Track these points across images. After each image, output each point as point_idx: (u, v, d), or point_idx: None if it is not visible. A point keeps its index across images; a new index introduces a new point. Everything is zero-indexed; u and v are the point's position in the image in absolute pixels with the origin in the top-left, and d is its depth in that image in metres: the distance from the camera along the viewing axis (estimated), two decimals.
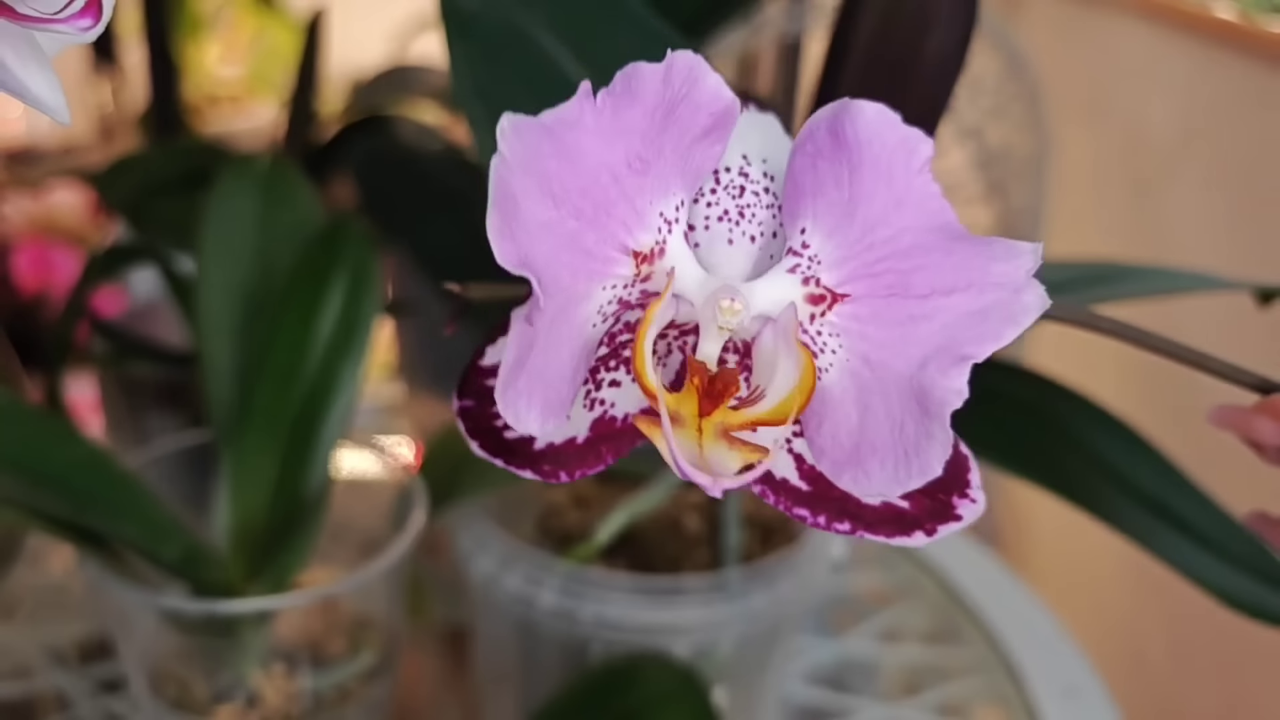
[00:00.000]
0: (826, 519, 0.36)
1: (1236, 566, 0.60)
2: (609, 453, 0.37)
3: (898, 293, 0.35)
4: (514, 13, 0.64)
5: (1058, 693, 0.83)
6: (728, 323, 0.34)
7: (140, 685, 0.65)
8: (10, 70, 0.38)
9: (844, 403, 0.36)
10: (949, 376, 0.34)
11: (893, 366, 0.35)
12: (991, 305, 0.34)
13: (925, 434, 0.34)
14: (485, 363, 0.38)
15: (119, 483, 0.61)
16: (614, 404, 0.37)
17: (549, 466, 0.37)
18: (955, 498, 0.36)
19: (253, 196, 0.70)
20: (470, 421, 0.37)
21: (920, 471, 0.34)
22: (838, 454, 0.36)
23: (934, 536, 0.36)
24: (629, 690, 0.60)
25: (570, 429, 0.37)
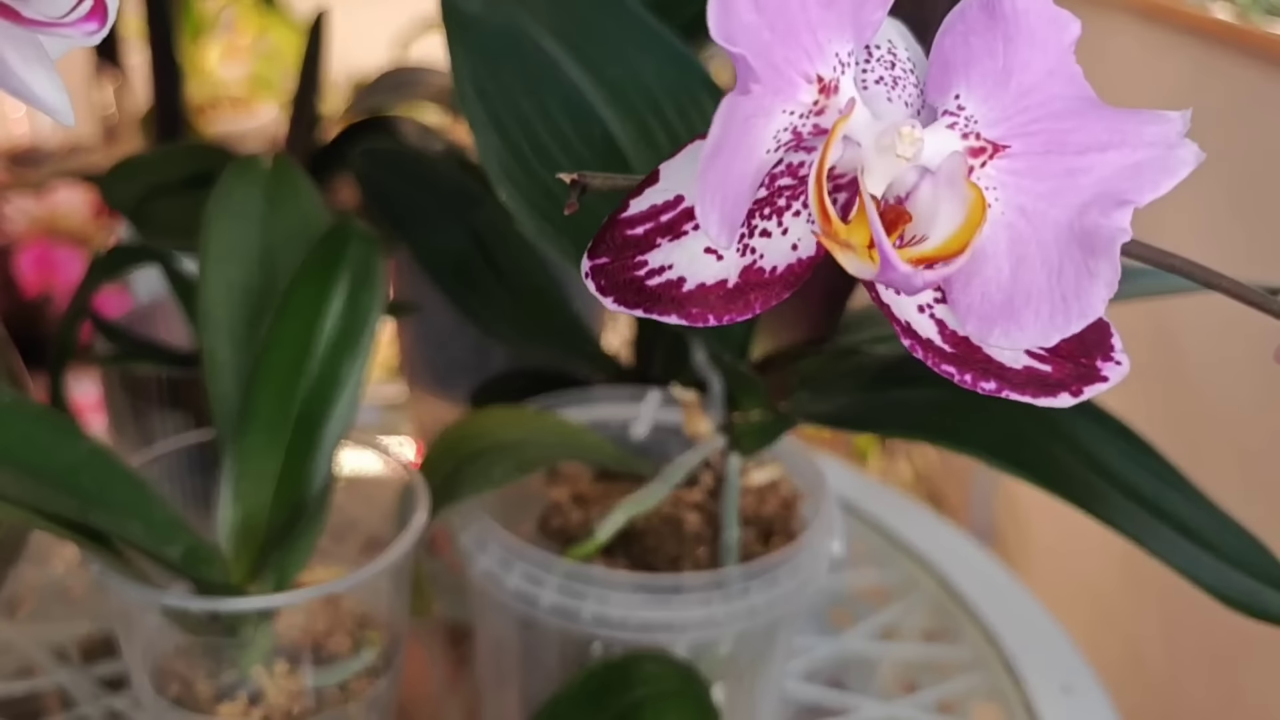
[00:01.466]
0: (973, 377, 0.37)
1: (1232, 564, 0.61)
2: (758, 301, 0.38)
3: (1054, 149, 0.37)
4: (515, 15, 0.64)
5: (1055, 690, 0.84)
6: (905, 150, 0.36)
7: (143, 683, 0.66)
8: (14, 72, 0.39)
9: (996, 256, 0.37)
10: (1112, 217, 0.35)
11: (1050, 215, 0.36)
12: (1146, 160, 0.36)
13: (1088, 274, 0.35)
14: (629, 213, 0.38)
15: (122, 482, 0.61)
16: (764, 254, 0.38)
17: (697, 309, 0.38)
18: (1099, 360, 0.37)
19: (256, 197, 0.70)
20: (605, 278, 0.38)
21: (1080, 313, 0.35)
22: (988, 309, 0.37)
23: (1080, 397, 0.37)
24: (629, 687, 0.61)
25: (722, 271, 0.38)
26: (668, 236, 0.38)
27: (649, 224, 0.38)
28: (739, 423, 0.69)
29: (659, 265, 0.38)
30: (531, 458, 0.68)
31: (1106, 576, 1.67)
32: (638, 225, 0.38)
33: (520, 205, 0.60)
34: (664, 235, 0.38)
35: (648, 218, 0.38)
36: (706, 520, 0.70)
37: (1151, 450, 0.64)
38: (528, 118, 0.62)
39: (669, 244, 0.38)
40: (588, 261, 0.38)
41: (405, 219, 0.90)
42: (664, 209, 0.38)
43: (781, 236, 0.38)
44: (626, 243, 0.38)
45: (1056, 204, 0.36)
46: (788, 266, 0.38)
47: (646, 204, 0.38)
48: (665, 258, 0.38)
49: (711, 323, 0.38)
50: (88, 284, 0.83)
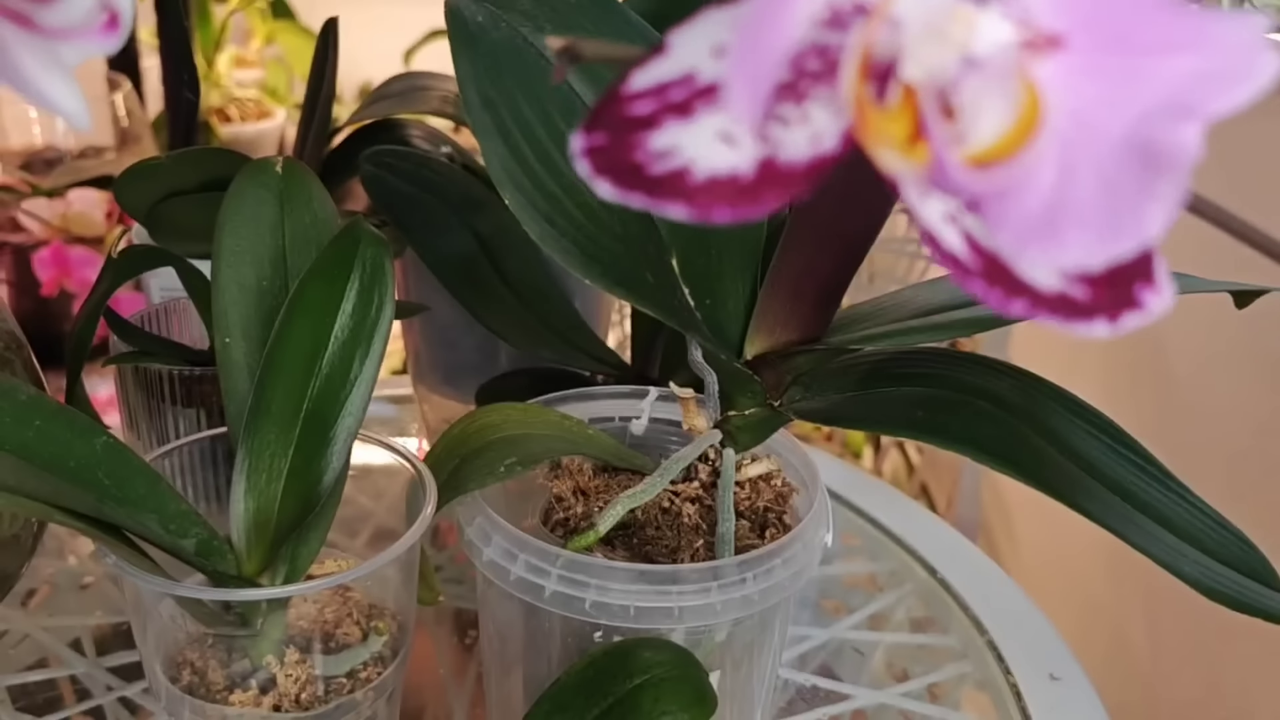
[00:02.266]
0: (1001, 294, 0.34)
1: (1215, 558, 0.61)
2: (771, 197, 0.34)
3: (1116, 46, 0.32)
4: (518, 26, 0.65)
5: (1041, 678, 0.85)
6: (959, 35, 0.32)
7: (156, 673, 0.67)
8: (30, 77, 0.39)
9: (1042, 165, 0.33)
10: (1180, 131, 0.31)
11: (1109, 121, 0.32)
12: (1222, 66, 0.31)
13: (1147, 192, 0.32)
14: (631, 88, 0.34)
15: (138, 477, 0.62)
16: (782, 145, 0.34)
17: (705, 200, 0.34)
18: (1138, 285, 0.34)
19: (268, 200, 0.71)
20: (601, 159, 0.34)
21: (1134, 231, 0.32)
22: (1025, 222, 0.33)
23: (1116, 323, 0.33)
24: (629, 673, 0.61)
25: (735, 159, 0.34)
26: (676, 116, 0.34)
27: (655, 101, 0.34)
28: (734, 419, 0.70)
29: (665, 148, 0.34)
30: (534, 452, 0.68)
31: (1092, 569, 1.67)
32: (642, 102, 0.34)
33: (524, 209, 0.61)
34: (672, 115, 0.34)
35: (654, 94, 0.34)
36: (703, 512, 0.71)
37: (1136, 446, 0.64)
38: (531, 124, 0.63)
39: (677, 125, 0.34)
40: (583, 139, 0.34)
41: (412, 222, 0.91)
42: (672, 85, 0.34)
43: (803, 126, 0.34)
44: (628, 121, 0.34)
45: (1117, 110, 0.32)
46: (808, 162, 0.34)
47: (653, 78, 0.34)
48: (672, 140, 0.34)
49: (720, 217, 0.34)
50: (103, 284, 0.84)
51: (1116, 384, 1.49)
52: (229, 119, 2.50)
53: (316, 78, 1.03)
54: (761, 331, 0.66)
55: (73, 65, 0.40)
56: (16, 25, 0.38)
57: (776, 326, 0.65)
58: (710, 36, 0.33)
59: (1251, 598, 0.60)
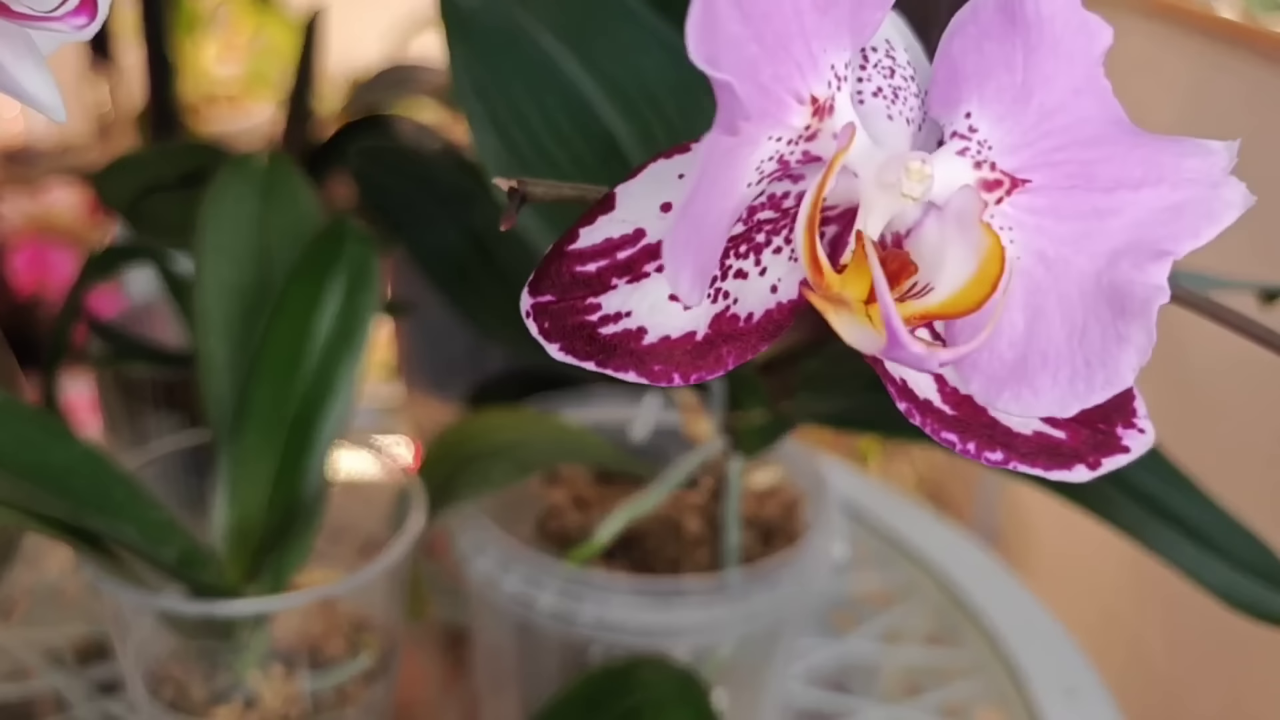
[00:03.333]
0: (976, 446, 0.33)
1: (1237, 566, 0.61)
2: (730, 355, 0.33)
3: (1080, 184, 0.32)
4: (514, 12, 0.64)
5: (1059, 693, 0.83)
6: (913, 189, 0.31)
7: (138, 686, 0.65)
8: (5, 69, 0.38)
9: (1010, 307, 0.32)
10: (1148, 273, 0.31)
11: (1074, 263, 0.32)
12: (1186, 201, 0.31)
13: (1116, 338, 0.31)
14: (578, 246, 0.33)
15: (117, 483, 0.61)
16: (738, 299, 0.33)
17: (660, 366, 0.33)
18: (1120, 427, 0.33)
19: (251, 195, 0.70)
20: (550, 320, 0.33)
21: (1106, 382, 0.31)
22: (996, 368, 0.33)
23: (1098, 470, 0.33)
24: (628, 692, 0.60)
25: (689, 322, 0.33)
26: (625, 277, 0.33)
27: (603, 261, 0.33)
28: (740, 424, 0.69)
29: (615, 311, 0.33)
30: (530, 460, 0.68)
31: (1112, 579, 1.67)
32: (589, 261, 0.33)
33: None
34: (621, 275, 0.33)
35: (602, 253, 0.33)
36: (707, 523, 0.70)
37: (1157, 452, 0.63)
38: (526, 115, 0.62)
39: (627, 286, 0.33)
40: (529, 298, 0.33)
41: (402, 218, 0.90)
42: (621, 244, 0.33)
43: (759, 277, 0.34)
44: (576, 280, 0.33)
45: (1082, 250, 0.32)
46: (765, 312, 0.34)
47: (600, 236, 0.33)
48: (622, 303, 0.33)
49: (677, 382, 0.33)
50: (81, 283, 0.84)
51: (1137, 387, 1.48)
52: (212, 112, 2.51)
53: (301, 71, 1.02)
54: None
55: (48, 53, 0.40)
56: None
57: None
58: (658, 193, 0.32)
59: (1275, 607, 0.59)
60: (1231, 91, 1.36)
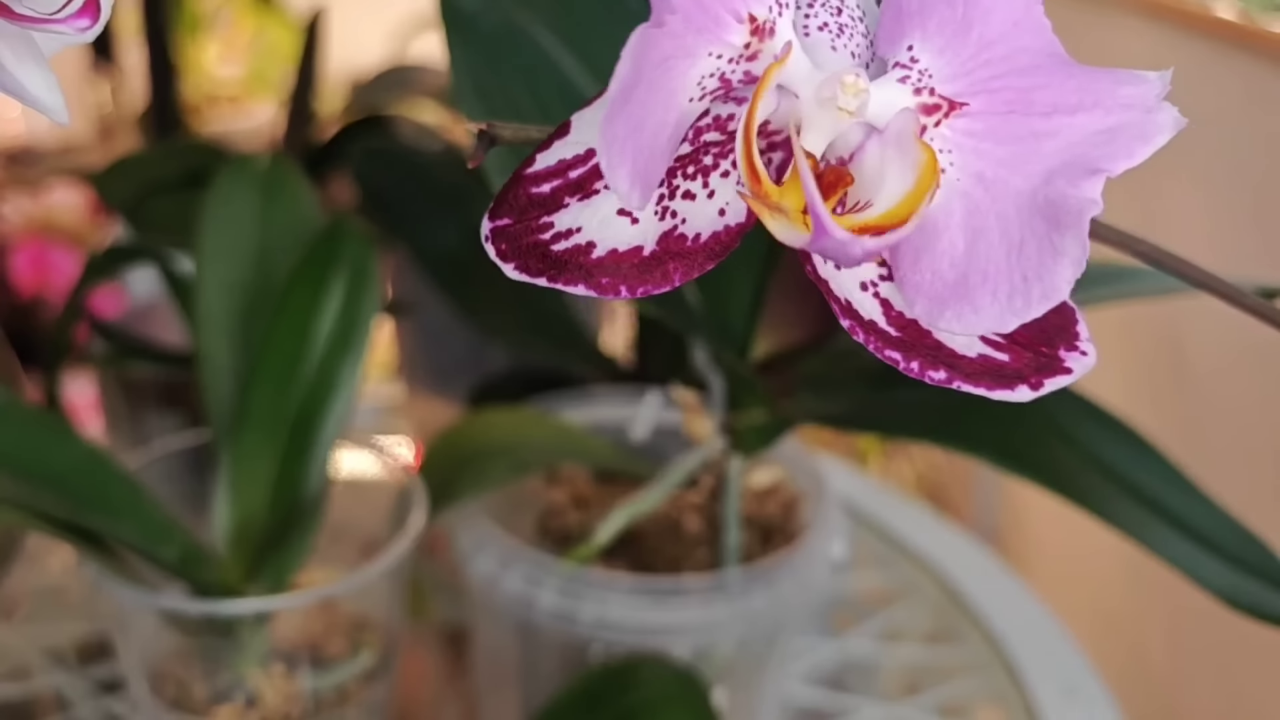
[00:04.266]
0: (920, 365, 0.34)
1: (1236, 566, 0.60)
2: (677, 272, 0.34)
3: (1017, 109, 0.33)
4: (514, 12, 0.64)
5: (1058, 692, 0.83)
6: (848, 103, 0.32)
7: (139, 685, 0.65)
8: (8, 70, 0.38)
9: (949, 228, 0.33)
10: (1081, 188, 0.32)
11: (1011, 183, 0.33)
12: (1121, 124, 0.32)
13: (1052, 251, 0.32)
14: (534, 169, 0.34)
15: (118, 483, 0.61)
16: (685, 219, 0.34)
17: (608, 279, 0.34)
18: (1062, 349, 0.34)
19: (252, 196, 0.70)
20: (506, 241, 0.34)
21: (1043, 295, 0.32)
22: (938, 288, 0.33)
23: (1039, 391, 0.33)
24: (628, 691, 0.60)
25: (637, 236, 0.34)
26: (577, 195, 0.34)
27: (556, 181, 0.34)
28: (740, 424, 0.69)
29: (566, 228, 0.34)
30: (530, 459, 0.68)
31: (1111, 578, 1.67)
32: (544, 182, 0.34)
33: None
34: (573, 194, 0.34)
35: (555, 174, 0.34)
36: (707, 522, 0.70)
37: (1155, 451, 0.63)
38: (525, 115, 0.62)
39: (578, 204, 0.34)
40: (488, 223, 0.34)
41: (403, 218, 0.90)
42: (573, 164, 0.34)
43: (707, 200, 0.35)
44: (531, 201, 0.34)
45: (1019, 171, 0.33)
46: (713, 234, 0.35)
47: (554, 158, 0.34)
48: (573, 219, 0.34)
49: (623, 295, 0.34)
50: (83, 283, 0.84)
51: (1136, 387, 1.49)
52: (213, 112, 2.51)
53: (302, 71, 1.02)
54: (769, 332, 0.65)
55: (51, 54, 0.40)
56: None
57: (785, 326, 0.64)
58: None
59: (1274, 607, 0.59)
60: (1230, 91, 1.36)
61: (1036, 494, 0.62)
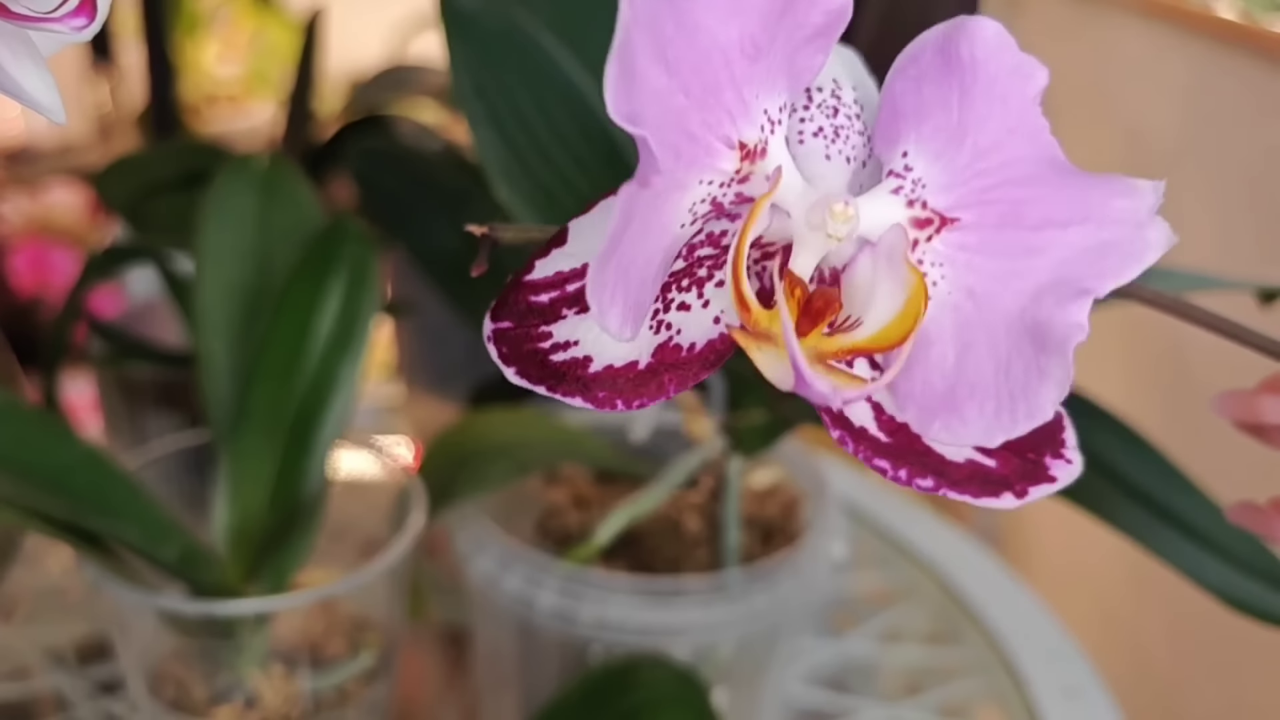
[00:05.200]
0: (909, 473, 0.34)
1: (1238, 567, 0.60)
2: (672, 383, 0.35)
3: (1010, 223, 0.33)
4: (513, 12, 0.64)
5: (1058, 693, 0.83)
6: (837, 230, 0.32)
7: (139, 686, 0.65)
8: (5, 70, 0.38)
9: (940, 341, 0.34)
10: (1068, 311, 0.32)
11: (1001, 300, 0.33)
12: (1112, 241, 0.32)
13: (1038, 373, 0.32)
14: (533, 277, 0.35)
15: (117, 483, 0.61)
16: (680, 330, 0.35)
17: (605, 393, 0.34)
18: (1048, 457, 0.34)
19: (251, 196, 0.70)
20: (507, 345, 0.35)
21: (1028, 415, 0.32)
22: (928, 399, 0.34)
23: (1025, 499, 0.34)
24: (628, 692, 0.60)
25: (632, 351, 0.34)
26: (574, 309, 0.34)
27: (554, 292, 0.35)
28: (740, 424, 0.69)
29: (564, 340, 0.34)
30: (530, 459, 0.68)
31: (1112, 579, 1.67)
32: (542, 292, 0.35)
33: (518, 203, 0.60)
34: (570, 306, 0.34)
35: (553, 285, 0.35)
36: (707, 523, 0.70)
37: (1157, 453, 0.63)
38: (526, 115, 0.62)
39: (575, 317, 0.34)
40: (490, 324, 0.35)
41: (403, 218, 0.90)
42: (570, 277, 0.35)
43: (702, 310, 0.35)
44: (531, 309, 0.35)
45: (1009, 287, 0.33)
46: (708, 343, 0.35)
47: (553, 269, 0.35)
48: (571, 332, 0.34)
49: (620, 409, 0.34)
50: (82, 283, 0.84)
51: (1135, 388, 1.49)
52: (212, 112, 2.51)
53: (301, 71, 1.02)
54: None
55: (47, 55, 0.40)
56: None
57: None
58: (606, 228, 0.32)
59: (1275, 608, 0.59)
60: (1230, 91, 1.36)
61: None
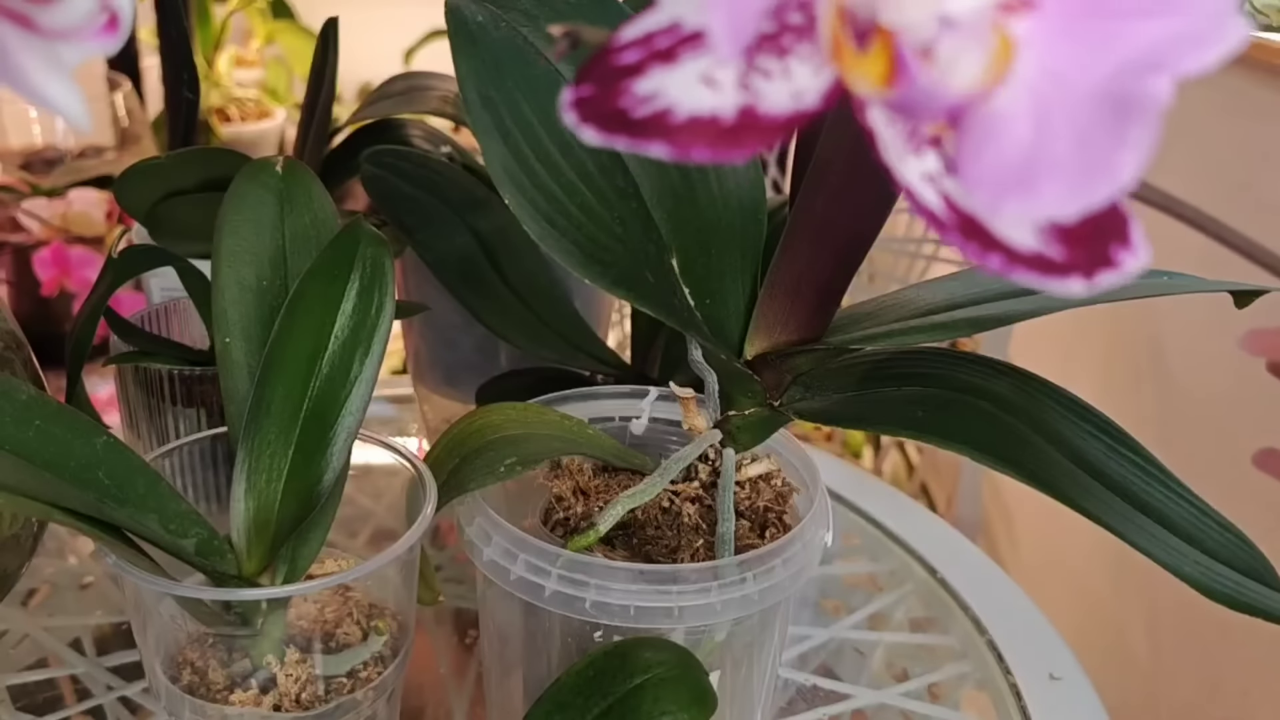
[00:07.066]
0: (978, 247, 0.34)
1: (1215, 558, 0.61)
2: (750, 141, 0.35)
3: (1092, 10, 0.33)
4: (519, 26, 0.65)
5: (1040, 678, 0.85)
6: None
7: (156, 673, 0.67)
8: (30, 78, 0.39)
9: (1017, 119, 0.34)
10: (1150, 83, 0.32)
11: (1083, 79, 0.33)
12: (1193, 29, 0.32)
13: (1119, 141, 0.32)
14: (621, 40, 0.35)
15: (138, 476, 0.62)
16: (763, 95, 0.35)
17: (686, 139, 0.34)
18: (1113, 245, 0.34)
19: (268, 200, 0.71)
20: (588, 108, 0.34)
21: (1107, 178, 0.32)
22: (1002, 177, 0.34)
23: (1092, 281, 0.34)
24: (629, 673, 0.61)
25: (717, 102, 0.35)
26: (661, 62, 0.35)
27: (642, 50, 0.35)
28: (734, 418, 0.70)
29: (649, 93, 0.35)
30: (534, 452, 0.68)
31: (1092, 569, 1.68)
32: (629, 52, 0.35)
33: (524, 208, 0.61)
34: (657, 61, 0.35)
35: (641, 44, 0.35)
36: (703, 512, 0.71)
37: (1136, 446, 0.64)
38: (531, 124, 0.63)
39: (661, 70, 0.35)
40: (571, 93, 0.34)
41: (412, 221, 0.91)
42: (659, 34, 0.35)
43: (784, 81, 0.35)
44: (616, 70, 0.35)
45: (1090, 69, 0.33)
46: (787, 116, 0.35)
47: (641, 30, 0.35)
48: (657, 85, 0.35)
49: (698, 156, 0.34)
50: (103, 284, 0.84)
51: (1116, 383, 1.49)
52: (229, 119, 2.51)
53: (316, 78, 1.03)
54: (761, 331, 0.66)
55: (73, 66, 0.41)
56: (17, 26, 0.38)
57: (776, 326, 0.65)
58: None
59: (1252, 598, 0.60)
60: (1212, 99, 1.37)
61: (1019, 488, 0.62)
